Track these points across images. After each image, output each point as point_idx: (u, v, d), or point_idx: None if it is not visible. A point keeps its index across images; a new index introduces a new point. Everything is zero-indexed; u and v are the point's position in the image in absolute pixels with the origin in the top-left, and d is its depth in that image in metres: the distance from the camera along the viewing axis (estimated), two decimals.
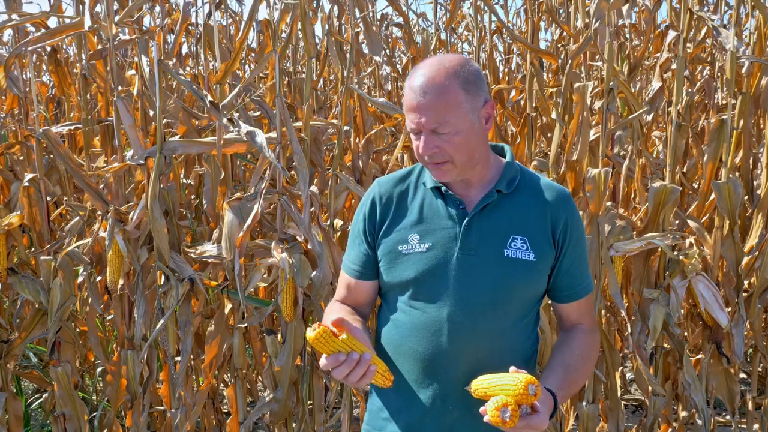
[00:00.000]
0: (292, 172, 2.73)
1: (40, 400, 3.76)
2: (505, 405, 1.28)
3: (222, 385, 3.72)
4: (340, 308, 1.64)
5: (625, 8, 3.31)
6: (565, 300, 1.60)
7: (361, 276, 1.64)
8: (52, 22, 3.30)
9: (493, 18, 3.55)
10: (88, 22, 2.49)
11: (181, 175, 3.63)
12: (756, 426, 3.17)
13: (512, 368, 1.36)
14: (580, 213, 2.63)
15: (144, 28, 2.71)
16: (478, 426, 1.48)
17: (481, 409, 1.32)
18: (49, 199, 2.91)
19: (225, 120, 2.44)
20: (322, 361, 1.35)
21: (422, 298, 1.52)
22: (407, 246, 1.53)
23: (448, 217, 1.53)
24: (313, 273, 2.63)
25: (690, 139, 3.31)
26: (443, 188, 1.55)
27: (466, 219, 1.52)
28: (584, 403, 2.80)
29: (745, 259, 2.82)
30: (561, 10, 3.47)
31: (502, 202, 1.54)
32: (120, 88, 2.67)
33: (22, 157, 3.28)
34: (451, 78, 1.43)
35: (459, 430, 1.52)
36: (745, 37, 3.66)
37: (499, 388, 1.32)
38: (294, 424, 2.95)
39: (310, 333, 1.30)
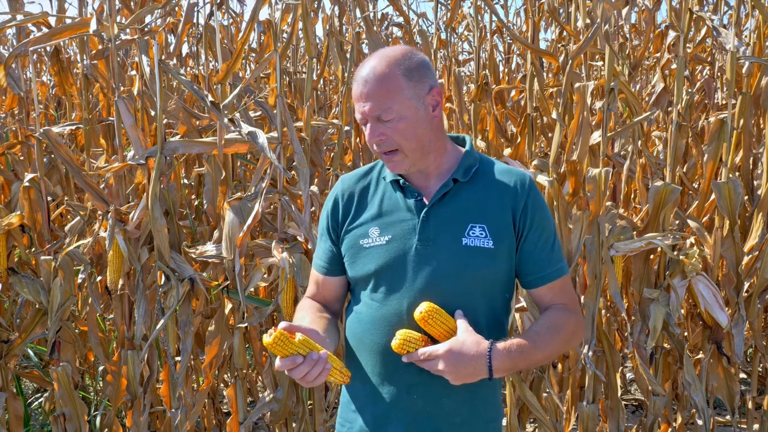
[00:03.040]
0: (293, 172, 2.73)
1: (40, 400, 3.76)
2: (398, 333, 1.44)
3: (222, 385, 3.72)
4: (310, 306, 1.66)
5: (624, 11, 3.31)
6: (533, 285, 1.58)
7: (328, 272, 1.66)
8: (54, 22, 3.30)
9: (494, 18, 3.56)
10: (93, 26, 2.49)
11: (182, 175, 3.63)
12: (756, 426, 3.17)
13: None
14: (580, 213, 2.65)
15: (145, 29, 2.71)
16: (444, 415, 1.53)
17: None
18: (49, 199, 2.91)
19: (226, 120, 2.44)
20: (278, 363, 1.36)
21: (383, 291, 1.54)
22: (368, 240, 1.55)
23: (407, 209, 1.54)
24: None
25: (690, 139, 3.31)
26: (401, 181, 1.57)
27: (424, 210, 1.52)
28: (584, 403, 2.80)
29: (745, 259, 2.82)
30: (561, 10, 3.47)
31: (460, 190, 1.55)
32: (122, 88, 2.68)
33: (22, 157, 3.28)
34: (392, 66, 1.47)
35: (425, 419, 1.53)
36: (745, 37, 3.66)
37: None
38: (294, 424, 2.95)
39: (267, 338, 1.32)
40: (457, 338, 1.41)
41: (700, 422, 2.75)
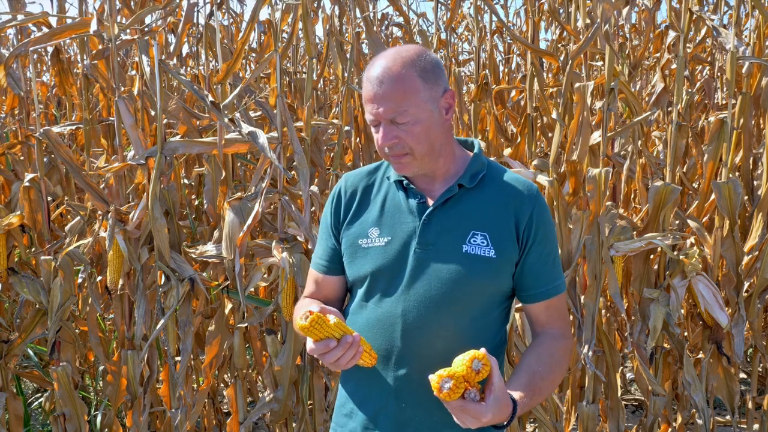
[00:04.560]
0: (293, 172, 2.73)
1: (40, 400, 3.76)
2: (450, 376, 1.24)
3: (222, 385, 3.72)
4: (311, 302, 1.61)
5: (624, 11, 3.31)
6: (531, 300, 1.53)
7: (328, 271, 1.62)
8: (55, 22, 3.30)
9: (494, 18, 3.56)
10: (94, 26, 2.49)
11: (182, 175, 3.63)
12: (756, 426, 3.17)
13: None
14: (580, 213, 2.65)
15: (145, 29, 2.71)
16: (432, 423, 1.48)
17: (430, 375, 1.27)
18: (49, 199, 2.91)
19: (226, 120, 2.44)
20: (311, 346, 1.34)
21: (379, 293, 1.50)
22: (367, 240, 1.51)
23: (409, 211, 1.50)
24: None
25: (690, 139, 3.31)
26: (405, 182, 1.53)
27: (426, 213, 1.48)
28: (584, 403, 2.80)
29: (745, 259, 2.82)
30: (561, 10, 3.47)
31: (465, 196, 1.50)
32: (122, 88, 2.68)
33: (22, 157, 3.28)
34: (408, 67, 1.41)
35: (413, 427, 1.49)
36: (745, 37, 3.66)
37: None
38: (294, 424, 2.95)
39: (303, 321, 1.29)
40: (498, 403, 1.28)
41: (700, 422, 2.75)
